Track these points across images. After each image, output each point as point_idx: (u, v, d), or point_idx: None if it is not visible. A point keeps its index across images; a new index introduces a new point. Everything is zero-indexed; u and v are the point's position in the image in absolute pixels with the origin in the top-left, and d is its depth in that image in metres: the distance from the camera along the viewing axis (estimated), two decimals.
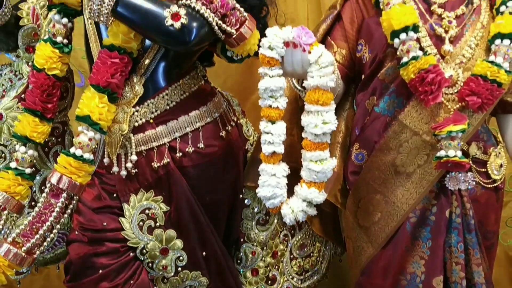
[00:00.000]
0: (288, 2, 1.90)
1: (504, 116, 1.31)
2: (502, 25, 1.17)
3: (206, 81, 1.36)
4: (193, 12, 1.10)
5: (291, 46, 1.11)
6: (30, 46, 1.31)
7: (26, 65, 1.33)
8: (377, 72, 1.27)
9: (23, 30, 1.29)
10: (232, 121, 1.36)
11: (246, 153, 1.40)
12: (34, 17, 1.27)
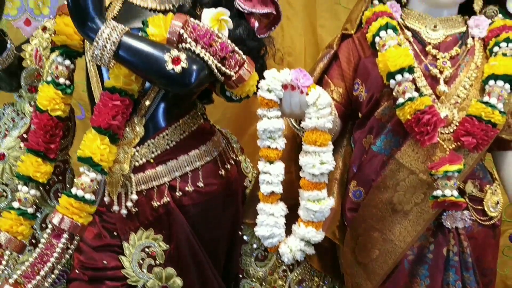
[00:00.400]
0: (285, 36, 1.94)
1: (500, 153, 1.34)
2: (496, 66, 1.20)
3: (205, 119, 1.39)
4: (193, 55, 1.13)
5: (289, 89, 1.14)
6: (32, 86, 1.34)
7: (29, 104, 1.36)
8: (373, 111, 1.30)
9: (26, 71, 1.32)
10: (231, 159, 1.39)
11: (245, 189, 1.43)
12: (37, 58, 1.30)
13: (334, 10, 1.90)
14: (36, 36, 1.32)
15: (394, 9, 1.33)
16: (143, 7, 1.28)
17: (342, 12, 1.89)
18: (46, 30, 1.32)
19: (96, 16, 1.10)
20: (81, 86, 1.49)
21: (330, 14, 1.91)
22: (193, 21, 1.16)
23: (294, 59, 1.97)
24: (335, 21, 1.91)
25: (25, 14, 1.95)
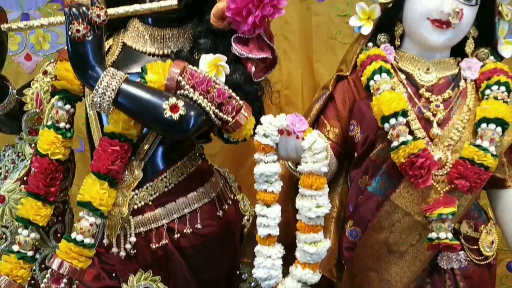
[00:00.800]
0: (283, 70, 1.98)
1: (494, 191, 1.36)
2: (487, 110, 1.23)
3: (203, 159, 1.41)
4: (190, 101, 1.16)
5: (285, 134, 1.17)
6: (33, 129, 1.37)
7: (29, 146, 1.38)
8: (369, 152, 1.33)
9: (27, 115, 1.35)
10: (229, 199, 1.41)
11: (243, 228, 1.45)
12: (38, 102, 1.33)
13: (330, 44, 1.94)
14: (37, 80, 1.36)
15: (388, 52, 1.36)
16: (142, 52, 1.32)
17: (338, 47, 1.93)
18: (47, 74, 1.36)
19: (96, 64, 1.14)
20: (81, 119, 1.53)
21: (326, 48, 1.95)
22: (191, 68, 1.19)
23: (291, 92, 2.00)
24: (331, 55, 1.95)
25: (25, 49, 2.00)
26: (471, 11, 1.27)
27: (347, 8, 1.91)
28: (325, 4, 1.92)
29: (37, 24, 1.18)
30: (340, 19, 1.92)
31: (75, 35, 1.10)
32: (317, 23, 1.92)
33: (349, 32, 1.91)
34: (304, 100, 2.00)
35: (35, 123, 1.37)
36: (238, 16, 1.22)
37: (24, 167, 1.37)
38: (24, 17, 1.98)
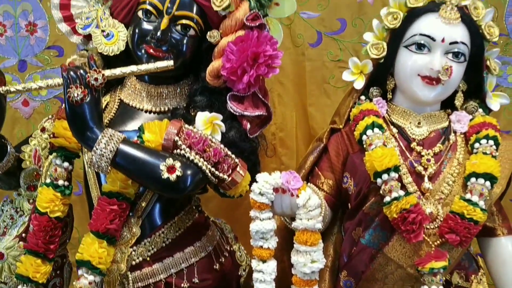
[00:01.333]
0: (277, 112, 2.02)
1: (485, 239, 1.41)
2: (477, 165, 1.28)
3: (200, 211, 1.45)
4: (187, 161, 1.20)
5: (280, 192, 1.21)
6: (31, 185, 1.40)
7: (27, 202, 1.42)
8: (362, 205, 1.37)
9: (25, 172, 1.39)
10: (225, 251, 1.44)
11: (239, 279, 1.48)
12: (36, 159, 1.37)
13: (324, 88, 2.00)
14: (35, 137, 1.39)
15: (380, 105, 1.41)
16: (139, 109, 1.36)
17: (332, 91, 1.99)
18: (45, 130, 1.40)
19: (94, 126, 1.18)
20: (79, 164, 1.56)
21: (320, 92, 2.00)
22: (187, 127, 1.23)
23: (286, 134, 2.05)
24: (324, 99, 2.00)
25: (23, 95, 2.03)
26: (460, 67, 1.33)
27: (340, 54, 1.97)
28: (318, 50, 1.98)
29: (35, 86, 1.22)
30: (334, 64, 1.98)
31: (73, 99, 1.14)
32: (311, 68, 1.98)
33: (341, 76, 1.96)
34: (298, 143, 2.05)
35: (33, 180, 1.41)
36: (233, 75, 1.27)
37: (22, 223, 1.40)
38: (21, 63, 2.02)
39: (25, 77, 2.03)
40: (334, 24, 1.96)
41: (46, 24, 2.00)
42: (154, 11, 1.28)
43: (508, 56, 1.95)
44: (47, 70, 2.03)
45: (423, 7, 1.34)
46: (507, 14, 1.92)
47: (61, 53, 2.02)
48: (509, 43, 1.94)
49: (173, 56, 1.29)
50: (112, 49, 1.32)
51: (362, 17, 1.94)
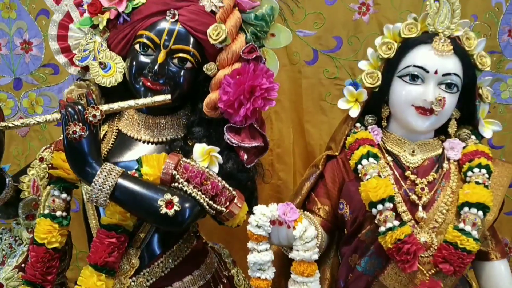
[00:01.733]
0: (274, 129, 2.06)
1: (479, 263, 1.44)
2: (469, 195, 1.31)
3: (198, 238, 1.47)
4: (185, 194, 1.23)
5: (277, 224, 1.24)
6: (30, 214, 1.42)
7: (26, 231, 1.44)
8: (358, 232, 1.40)
9: (24, 202, 1.40)
10: (223, 277, 1.47)
11: None
12: (35, 189, 1.39)
13: (320, 105, 2.03)
14: (33, 167, 1.41)
15: (375, 133, 1.44)
16: (137, 139, 1.38)
17: (328, 108, 2.03)
18: (43, 160, 1.41)
19: (93, 161, 1.20)
20: None
21: (316, 109, 2.03)
22: (185, 161, 1.26)
23: (283, 150, 2.08)
24: (320, 116, 2.04)
25: (18, 113, 2.06)
26: (453, 98, 1.36)
27: (336, 71, 2.00)
28: (315, 67, 2.01)
29: (34, 122, 1.24)
30: (330, 81, 2.02)
31: (71, 136, 1.17)
32: (307, 86, 2.01)
33: (338, 93, 2.01)
34: (295, 158, 2.08)
35: (32, 209, 1.42)
36: (230, 108, 1.29)
37: (22, 253, 1.42)
38: (17, 81, 2.04)
39: (20, 95, 2.05)
40: (330, 42, 1.99)
41: (41, 42, 2.01)
42: (151, 44, 1.30)
43: (501, 73, 2.00)
44: (43, 88, 2.05)
45: (417, 38, 1.37)
46: (500, 32, 1.96)
47: (56, 71, 2.04)
48: (502, 60, 1.99)
49: (170, 89, 1.32)
50: (109, 80, 1.34)
51: (358, 36, 1.98)
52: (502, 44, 1.98)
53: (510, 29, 1.97)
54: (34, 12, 1.99)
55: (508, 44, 1.98)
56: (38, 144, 2.07)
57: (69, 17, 1.40)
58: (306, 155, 2.07)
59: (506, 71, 2.01)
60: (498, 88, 2.01)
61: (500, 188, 1.40)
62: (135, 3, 1.31)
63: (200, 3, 1.32)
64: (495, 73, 1.99)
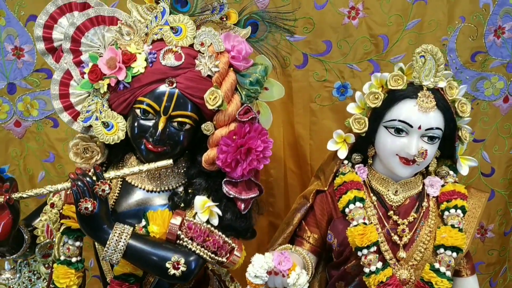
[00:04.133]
0: None
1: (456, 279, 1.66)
2: (445, 239, 1.50)
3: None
4: (189, 251, 1.40)
5: (273, 274, 1.44)
6: (46, 254, 1.60)
7: (43, 266, 1.62)
8: (344, 263, 1.60)
9: (40, 245, 1.57)
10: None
11: None
12: (49, 233, 1.55)
13: (309, 107, 2.14)
14: (45, 212, 1.56)
15: (361, 171, 1.61)
16: (141, 188, 1.52)
17: (317, 109, 2.14)
18: (54, 206, 1.56)
19: (105, 225, 1.36)
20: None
21: (305, 111, 2.15)
22: (188, 220, 1.42)
23: (274, 149, 2.12)
24: (310, 117, 2.16)
25: (14, 116, 2.15)
26: (434, 147, 1.51)
27: (325, 74, 2.10)
28: (305, 71, 2.10)
29: (46, 192, 1.37)
30: (319, 84, 2.12)
31: (84, 212, 1.31)
32: (297, 88, 2.11)
33: (327, 95, 2.13)
34: (286, 156, 2.22)
35: (47, 250, 1.60)
36: (227, 167, 1.43)
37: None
38: (10, 86, 2.11)
39: (15, 99, 2.13)
40: (320, 46, 2.07)
41: (32, 48, 2.06)
42: (151, 110, 1.40)
43: (485, 71, 2.12)
44: (37, 92, 2.13)
45: (403, 92, 1.48)
46: (487, 32, 2.06)
47: (49, 75, 2.10)
48: (488, 59, 2.10)
49: (171, 148, 1.44)
50: (112, 138, 1.45)
51: (347, 39, 2.05)
52: (487, 44, 2.08)
53: (496, 29, 2.06)
54: (23, 19, 2.03)
55: (493, 43, 2.08)
56: (35, 145, 2.20)
57: (69, 74, 1.48)
58: (297, 154, 2.22)
59: (490, 69, 2.12)
60: (482, 86, 2.14)
61: (474, 220, 1.60)
62: (134, 72, 1.39)
63: (196, 68, 1.41)
64: (480, 72, 2.12)
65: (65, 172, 2.21)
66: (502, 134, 2.22)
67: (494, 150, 2.24)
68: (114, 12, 1.46)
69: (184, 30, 1.42)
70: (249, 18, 1.50)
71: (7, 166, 2.21)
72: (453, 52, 2.08)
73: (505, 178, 2.27)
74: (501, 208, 2.30)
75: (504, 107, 2.19)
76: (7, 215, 1.38)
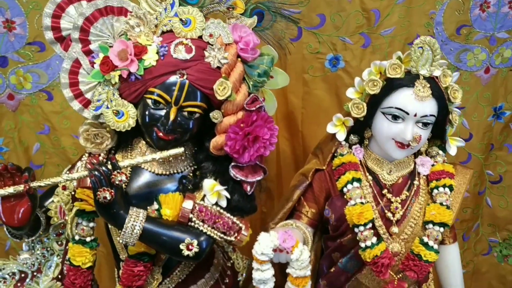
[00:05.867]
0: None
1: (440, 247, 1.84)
2: (434, 216, 1.67)
3: None
4: (201, 232, 1.53)
5: (278, 251, 1.59)
6: (59, 232, 1.71)
7: (56, 243, 1.74)
8: (340, 236, 1.76)
9: (54, 226, 1.68)
10: (228, 269, 1.84)
11: (238, 283, 1.91)
12: (61, 213, 1.66)
13: (302, 78, 2.26)
14: (57, 194, 1.66)
15: (358, 151, 1.75)
16: (150, 171, 1.63)
17: (310, 80, 2.26)
18: (66, 188, 1.66)
19: (121, 210, 1.47)
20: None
21: (298, 81, 2.26)
22: (199, 203, 1.54)
23: None
24: (302, 87, 2.28)
25: (7, 90, 2.20)
26: (427, 132, 1.66)
27: (319, 46, 2.20)
28: (299, 43, 2.20)
29: (63, 180, 1.47)
30: (312, 56, 2.23)
31: (102, 201, 1.42)
32: (291, 60, 2.20)
33: (320, 66, 2.25)
34: (278, 123, 2.33)
35: (60, 229, 1.71)
36: (235, 153, 1.54)
37: (56, 264, 1.73)
38: (2, 59, 2.14)
39: (7, 72, 2.17)
40: (314, 19, 2.16)
41: (24, 21, 2.10)
42: (162, 101, 1.48)
43: (469, 44, 2.27)
44: (30, 66, 2.17)
45: (401, 80, 1.60)
46: (473, 6, 2.19)
47: (42, 48, 2.15)
48: (472, 32, 2.24)
49: (181, 135, 1.54)
50: (123, 125, 1.54)
51: (341, 13, 2.15)
52: (473, 17, 2.21)
53: (482, 3, 2.20)
54: None
55: (478, 17, 2.21)
56: (29, 117, 2.27)
57: (78, 62, 1.54)
58: (289, 121, 2.36)
59: (474, 41, 2.26)
60: (465, 58, 2.29)
61: (459, 196, 1.77)
62: (145, 65, 1.46)
63: (205, 60, 1.49)
64: (464, 44, 2.25)
65: (60, 144, 2.30)
66: (482, 102, 2.39)
67: (473, 117, 2.41)
68: (122, 2, 1.51)
69: (193, 22, 1.49)
70: (255, 8, 1.58)
71: (2, 138, 2.27)
72: (439, 25, 2.20)
73: (482, 143, 2.46)
74: (477, 171, 2.50)
75: (485, 77, 2.34)
76: (26, 203, 1.48)
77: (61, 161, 2.32)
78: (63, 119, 2.24)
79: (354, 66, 2.23)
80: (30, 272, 1.74)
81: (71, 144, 2.29)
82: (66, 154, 2.31)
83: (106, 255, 2.42)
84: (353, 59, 2.23)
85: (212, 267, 1.79)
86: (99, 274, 2.36)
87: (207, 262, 1.78)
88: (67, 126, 2.27)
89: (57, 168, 2.32)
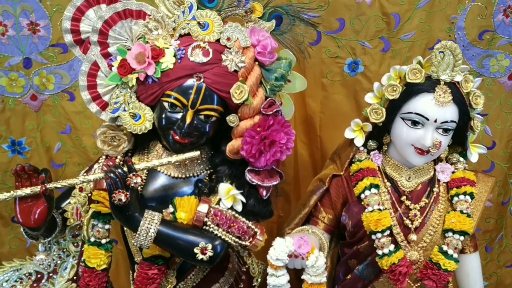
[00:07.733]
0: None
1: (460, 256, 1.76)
2: (454, 224, 1.60)
3: None
4: (215, 236, 1.49)
5: (293, 257, 1.53)
6: (75, 234, 1.69)
7: (72, 245, 1.71)
8: (357, 243, 1.70)
9: (70, 227, 1.66)
10: (243, 274, 1.79)
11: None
12: (78, 215, 1.63)
13: (321, 82, 2.20)
14: (74, 195, 1.63)
15: (376, 157, 1.69)
16: (166, 174, 1.59)
17: (328, 84, 2.21)
18: (82, 190, 1.63)
19: (136, 213, 1.44)
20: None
21: (316, 85, 2.21)
22: (214, 207, 1.50)
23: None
24: (321, 91, 2.23)
25: (30, 90, 2.19)
26: (448, 138, 1.59)
27: (338, 51, 2.14)
28: (318, 47, 2.14)
29: (79, 182, 1.44)
30: (331, 60, 2.17)
31: (117, 203, 1.39)
32: (310, 64, 2.14)
33: (338, 71, 2.19)
34: (296, 127, 2.29)
35: (76, 231, 1.68)
36: (251, 158, 1.50)
37: (72, 266, 1.71)
38: (26, 61, 2.13)
39: (31, 74, 2.15)
40: (333, 23, 2.10)
41: (48, 23, 2.08)
42: (179, 104, 1.45)
43: (492, 49, 2.19)
44: (53, 67, 2.16)
45: (421, 86, 1.54)
46: (496, 11, 2.11)
47: (65, 50, 2.13)
48: (495, 37, 2.16)
49: (197, 138, 1.50)
50: (140, 128, 1.50)
51: (360, 18, 2.09)
52: (496, 23, 2.13)
53: (505, 8, 2.11)
54: None
55: (502, 22, 2.13)
56: (51, 117, 2.25)
57: (96, 65, 1.51)
58: (307, 125, 2.31)
59: (498, 47, 2.18)
60: (488, 63, 2.20)
61: (480, 204, 1.69)
62: (163, 68, 1.43)
63: (223, 63, 1.45)
64: (487, 49, 2.17)
65: (81, 144, 2.28)
66: (505, 109, 2.30)
67: (496, 124, 2.32)
68: (141, 6, 1.48)
69: (211, 25, 1.45)
70: (274, 12, 1.54)
71: (24, 138, 2.26)
72: (461, 30, 2.13)
73: (505, 152, 2.36)
74: (500, 180, 2.40)
75: (508, 84, 2.26)
76: (43, 204, 1.46)
77: (82, 161, 2.30)
78: (85, 119, 2.22)
79: (373, 71, 2.16)
80: (46, 273, 1.71)
81: (92, 144, 2.26)
82: (87, 154, 2.29)
83: (123, 252, 2.38)
84: (372, 63, 2.16)
85: (227, 272, 1.74)
86: (117, 271, 2.35)
87: (221, 267, 1.73)
88: (88, 125, 2.25)
89: (78, 167, 2.30)
